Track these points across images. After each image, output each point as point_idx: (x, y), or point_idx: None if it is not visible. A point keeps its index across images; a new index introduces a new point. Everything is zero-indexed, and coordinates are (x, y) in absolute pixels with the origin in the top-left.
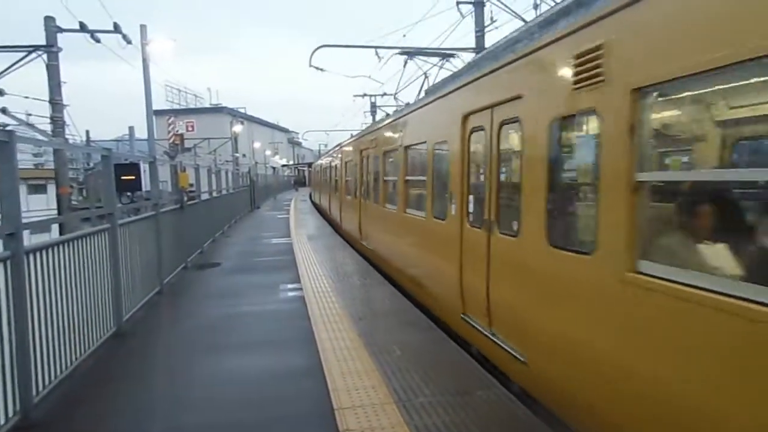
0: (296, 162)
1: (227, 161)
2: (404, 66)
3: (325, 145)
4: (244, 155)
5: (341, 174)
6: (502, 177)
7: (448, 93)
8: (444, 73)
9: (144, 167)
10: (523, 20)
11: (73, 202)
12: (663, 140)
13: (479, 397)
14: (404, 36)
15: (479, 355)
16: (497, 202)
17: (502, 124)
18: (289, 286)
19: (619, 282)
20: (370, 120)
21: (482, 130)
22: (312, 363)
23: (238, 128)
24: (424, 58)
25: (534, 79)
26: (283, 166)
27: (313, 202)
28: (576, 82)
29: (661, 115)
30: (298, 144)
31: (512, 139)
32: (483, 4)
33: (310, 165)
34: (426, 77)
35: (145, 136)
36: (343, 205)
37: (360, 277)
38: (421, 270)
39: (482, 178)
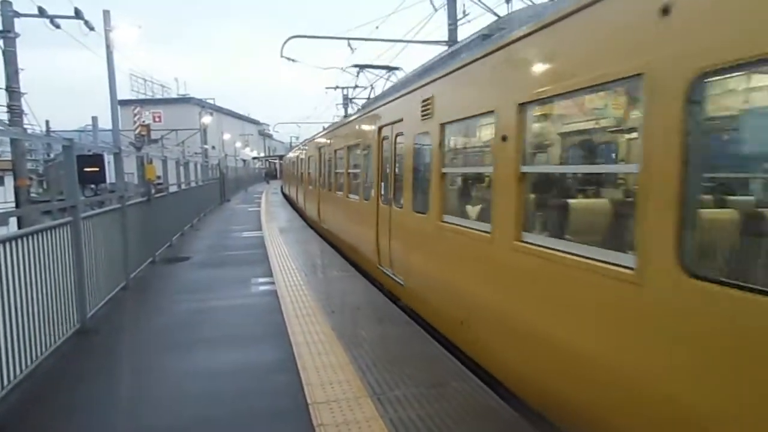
0: (267, 154)
1: (196, 153)
2: (357, 76)
3: (297, 138)
4: (213, 147)
5: (305, 167)
6: (396, 169)
7: (371, 111)
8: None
9: (108, 159)
10: (495, 14)
11: (33, 195)
12: (453, 152)
13: (453, 389)
14: (377, 28)
15: (389, 294)
16: (394, 186)
17: (397, 135)
18: (261, 279)
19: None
20: (342, 112)
21: (387, 138)
22: (285, 357)
23: (207, 119)
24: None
25: (407, 110)
26: (254, 158)
27: (284, 194)
28: (422, 115)
29: (452, 139)
30: (269, 136)
31: (400, 145)
32: None
33: (281, 158)
34: (372, 88)
35: (109, 126)
36: (306, 194)
37: (332, 269)
38: (355, 237)
39: (387, 170)
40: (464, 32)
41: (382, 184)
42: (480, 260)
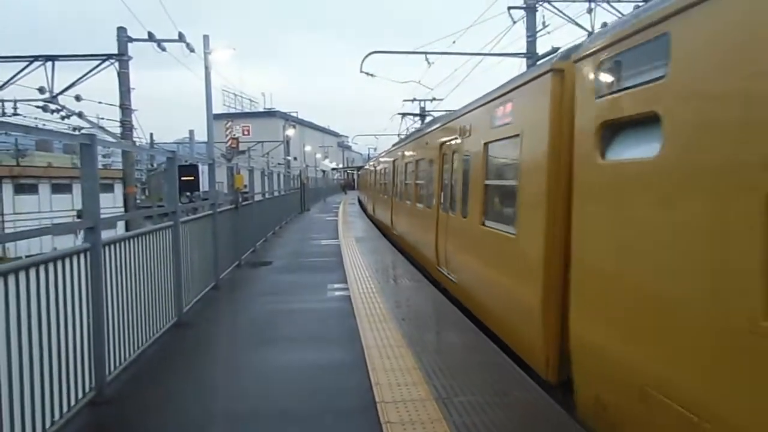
0: (345, 165)
1: (279, 164)
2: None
3: (375, 149)
4: (295, 158)
5: (379, 178)
6: (446, 180)
7: (434, 129)
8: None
9: (203, 169)
10: (578, 24)
11: (137, 201)
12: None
13: (516, 398)
14: (454, 42)
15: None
16: (450, 195)
17: (446, 151)
18: (336, 285)
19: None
20: (418, 124)
21: (446, 154)
22: (356, 359)
23: (290, 132)
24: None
25: (460, 130)
26: (333, 169)
27: (360, 205)
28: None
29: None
30: (348, 148)
31: (457, 160)
32: (535, 9)
33: (359, 169)
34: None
35: (203, 138)
36: (379, 202)
37: (404, 279)
38: (419, 240)
39: (446, 181)
40: (543, 44)
41: (442, 193)
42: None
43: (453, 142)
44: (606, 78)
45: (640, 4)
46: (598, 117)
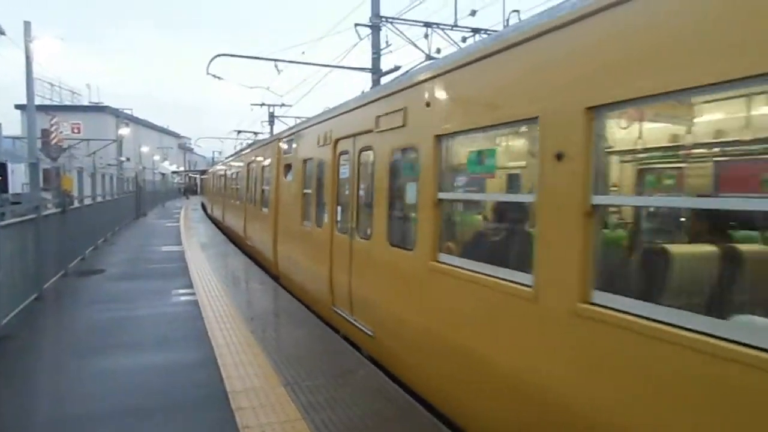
0: (187, 169)
1: (109, 165)
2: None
3: (220, 153)
4: (127, 159)
5: (229, 183)
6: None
7: (271, 142)
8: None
9: (12, 168)
10: (415, 45)
11: None
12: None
13: (359, 377)
14: (303, 53)
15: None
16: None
17: (287, 161)
18: (182, 291)
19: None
20: (268, 129)
21: (290, 166)
22: (206, 357)
23: (124, 131)
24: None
25: (299, 146)
26: (174, 172)
27: (205, 210)
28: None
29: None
30: (190, 150)
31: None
32: (379, 28)
33: (203, 172)
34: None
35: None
36: (228, 207)
37: (253, 282)
38: (299, 261)
39: (291, 187)
40: (387, 61)
41: (281, 201)
42: None
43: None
44: (284, 147)
45: (469, 34)
46: (282, 161)
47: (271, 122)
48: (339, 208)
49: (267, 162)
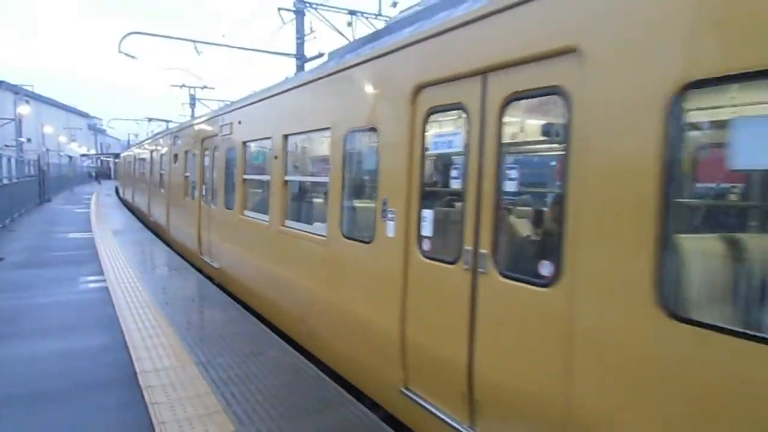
0: (99, 152)
1: (7, 146)
2: None
3: (136, 136)
4: (29, 140)
5: (146, 167)
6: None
7: (193, 125)
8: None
9: None
10: (339, 32)
11: None
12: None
13: (269, 356)
14: (223, 36)
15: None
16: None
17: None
18: (91, 278)
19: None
20: (188, 112)
21: (176, 155)
22: (115, 341)
23: (24, 109)
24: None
25: (219, 128)
26: (83, 155)
27: (119, 195)
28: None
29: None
30: (102, 132)
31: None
32: (303, 13)
33: (117, 156)
34: None
35: None
36: (137, 190)
37: (169, 267)
38: (181, 226)
39: (176, 172)
40: (311, 47)
41: (204, 186)
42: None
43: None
44: (172, 140)
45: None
46: (172, 152)
47: (192, 104)
48: (204, 187)
49: (164, 151)
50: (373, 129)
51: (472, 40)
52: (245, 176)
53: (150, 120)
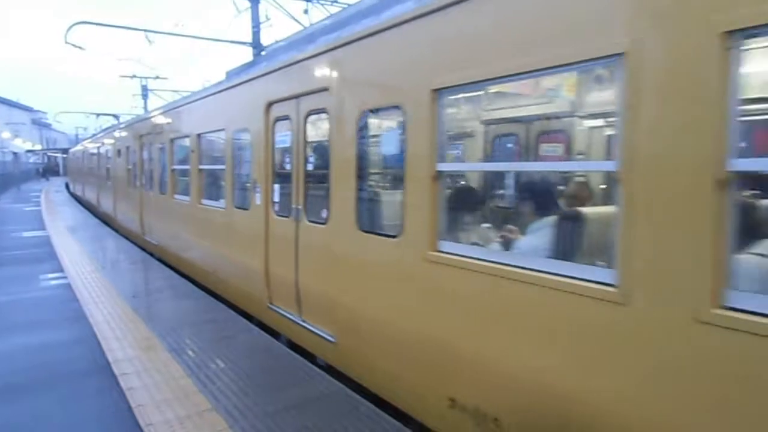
0: (45, 147)
1: None
2: None
3: (85, 129)
4: None
5: (87, 162)
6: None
7: (132, 124)
8: None
9: None
10: (295, 19)
11: None
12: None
13: (240, 339)
14: (176, 25)
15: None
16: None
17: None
18: (51, 275)
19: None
20: (141, 103)
21: (144, 144)
22: (85, 334)
23: None
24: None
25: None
26: (29, 151)
27: (69, 191)
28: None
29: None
30: (47, 126)
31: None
32: (258, 1)
33: (65, 151)
34: None
35: None
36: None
37: (134, 262)
38: (127, 212)
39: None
40: (268, 36)
41: (144, 174)
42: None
43: None
44: (118, 135)
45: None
46: (116, 146)
47: (145, 96)
48: (143, 177)
49: (110, 147)
50: (246, 130)
51: (292, 77)
52: (173, 167)
53: (99, 115)
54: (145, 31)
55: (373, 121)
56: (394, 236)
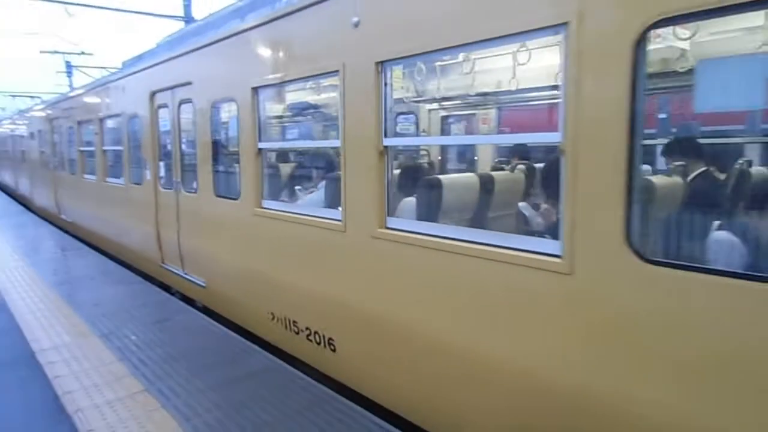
0: None
1: None
2: None
3: (3, 110)
4: None
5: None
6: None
7: (43, 108)
8: None
9: None
10: None
11: None
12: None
13: (176, 321)
14: None
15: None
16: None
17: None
18: None
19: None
20: (65, 81)
21: (55, 127)
22: (7, 325)
23: None
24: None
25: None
26: None
27: None
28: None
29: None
30: None
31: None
32: None
33: None
34: None
35: None
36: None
37: (63, 249)
38: (43, 193)
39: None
40: (201, 8)
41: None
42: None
43: None
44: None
45: None
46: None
47: (69, 73)
48: (55, 159)
49: (23, 130)
50: (137, 116)
51: (169, 71)
52: (81, 148)
53: (15, 96)
54: (63, 2)
55: (220, 110)
56: (235, 199)
